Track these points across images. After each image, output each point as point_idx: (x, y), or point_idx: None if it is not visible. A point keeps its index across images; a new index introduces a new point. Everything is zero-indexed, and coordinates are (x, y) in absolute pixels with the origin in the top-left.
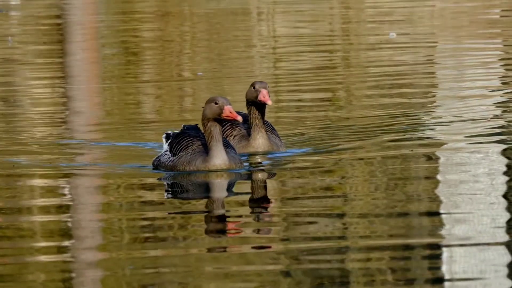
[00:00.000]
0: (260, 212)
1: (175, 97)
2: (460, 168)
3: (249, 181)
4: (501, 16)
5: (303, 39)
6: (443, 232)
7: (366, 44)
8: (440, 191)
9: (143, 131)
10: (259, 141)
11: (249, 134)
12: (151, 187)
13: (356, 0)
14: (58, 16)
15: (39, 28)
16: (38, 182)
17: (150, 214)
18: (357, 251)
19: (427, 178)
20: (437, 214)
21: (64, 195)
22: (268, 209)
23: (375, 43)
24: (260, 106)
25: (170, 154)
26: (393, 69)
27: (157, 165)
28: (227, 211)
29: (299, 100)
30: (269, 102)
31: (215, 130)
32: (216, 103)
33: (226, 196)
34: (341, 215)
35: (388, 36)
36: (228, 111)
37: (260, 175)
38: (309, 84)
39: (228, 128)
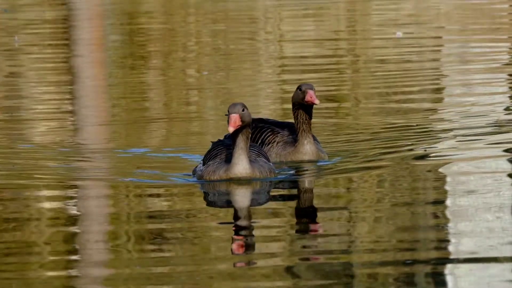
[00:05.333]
0: (273, 226)
1: (180, 97)
2: (469, 182)
3: (275, 191)
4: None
5: (308, 39)
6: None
7: (372, 44)
8: (449, 208)
9: (148, 135)
10: (307, 147)
11: (292, 140)
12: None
13: None
14: (60, 18)
15: (36, 30)
16: (47, 192)
17: (159, 226)
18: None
19: (435, 200)
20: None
21: (75, 206)
22: (280, 223)
23: (381, 42)
24: (307, 108)
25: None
26: (398, 71)
27: (193, 173)
28: (240, 223)
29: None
30: (317, 102)
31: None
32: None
33: (248, 207)
34: (353, 233)
35: (395, 35)
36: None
37: (288, 186)
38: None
39: (269, 134)
